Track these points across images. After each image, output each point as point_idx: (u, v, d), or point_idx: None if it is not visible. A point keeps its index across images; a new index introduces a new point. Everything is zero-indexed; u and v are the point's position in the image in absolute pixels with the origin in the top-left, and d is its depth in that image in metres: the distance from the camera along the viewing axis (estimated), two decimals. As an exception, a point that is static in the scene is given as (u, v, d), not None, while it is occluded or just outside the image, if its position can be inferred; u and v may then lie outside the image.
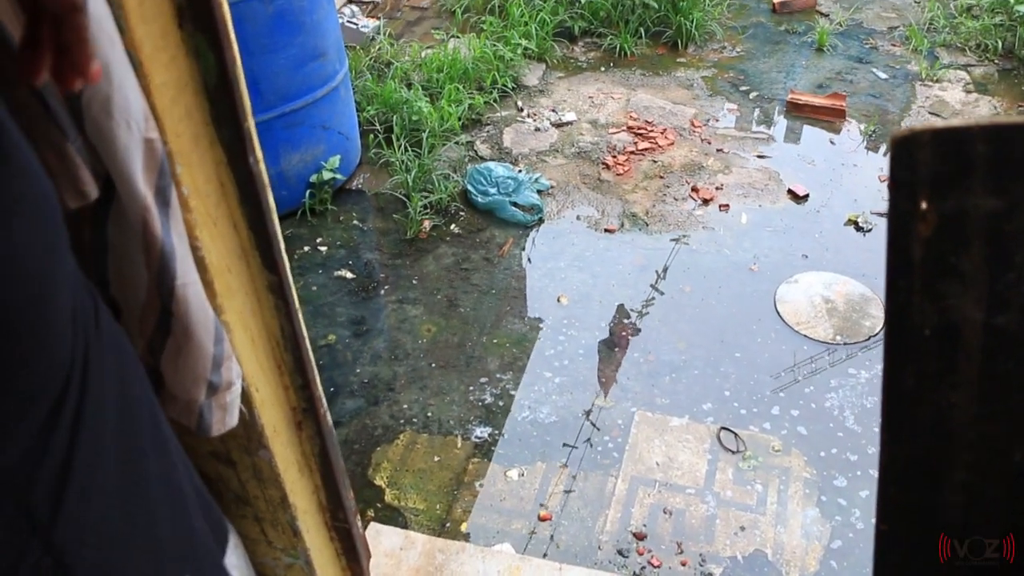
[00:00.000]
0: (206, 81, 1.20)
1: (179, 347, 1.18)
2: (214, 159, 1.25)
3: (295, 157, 3.72)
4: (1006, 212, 0.79)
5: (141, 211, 1.07)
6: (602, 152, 4.18)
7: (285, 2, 3.43)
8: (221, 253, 1.30)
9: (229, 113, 1.23)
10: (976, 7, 5.60)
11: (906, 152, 0.81)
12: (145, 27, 1.08)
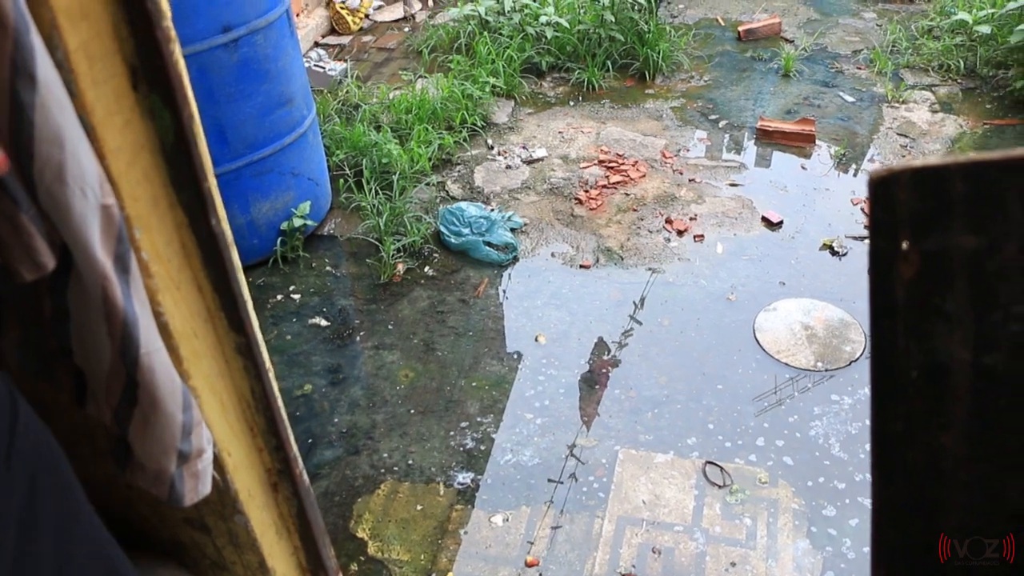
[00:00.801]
0: (163, 142, 1.17)
1: (146, 417, 1.14)
2: (175, 221, 1.22)
3: (265, 205, 3.68)
4: (987, 250, 0.77)
5: (100, 280, 1.04)
6: (574, 187, 4.18)
7: (250, 50, 3.41)
8: (185, 317, 1.26)
9: (188, 174, 1.20)
10: (936, 28, 5.68)
11: (885, 192, 0.79)
12: (97, 90, 1.06)
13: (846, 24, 6.01)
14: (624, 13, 5.30)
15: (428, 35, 5.65)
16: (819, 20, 6.08)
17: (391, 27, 6.16)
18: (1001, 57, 5.15)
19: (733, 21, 6.06)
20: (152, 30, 1.10)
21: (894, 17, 6.01)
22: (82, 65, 1.05)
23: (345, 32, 6.03)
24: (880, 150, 4.50)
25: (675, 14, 6.18)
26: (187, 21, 3.22)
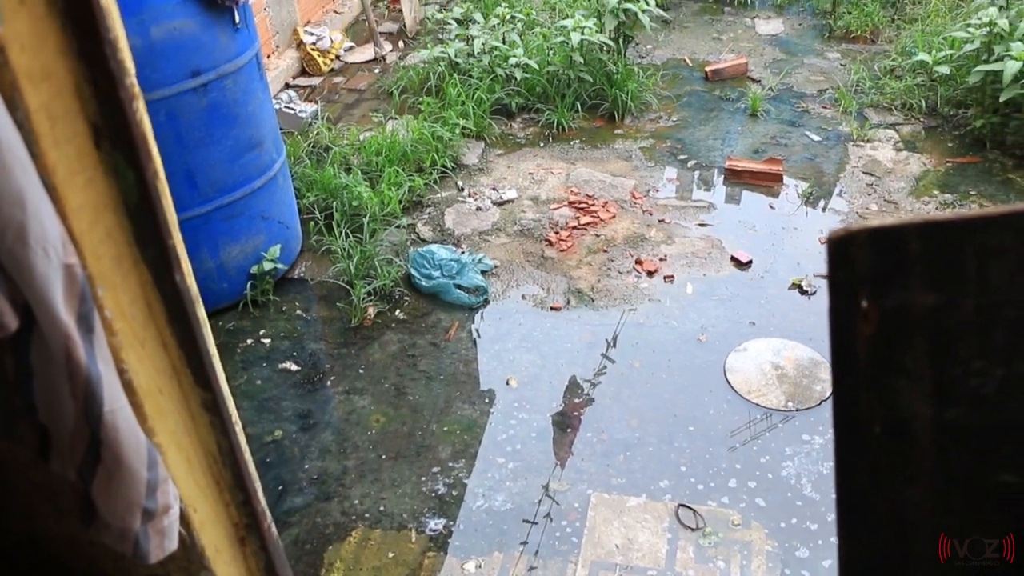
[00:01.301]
0: (126, 200, 1.16)
1: (110, 474, 1.13)
2: (139, 279, 1.21)
3: (235, 249, 3.67)
4: (945, 307, 0.78)
5: (63, 340, 1.03)
6: (544, 228, 4.20)
7: (219, 95, 3.42)
8: (150, 374, 1.25)
9: (152, 231, 1.19)
10: (898, 68, 5.78)
11: (843, 252, 0.80)
12: (59, 150, 1.05)
13: (811, 64, 6.10)
14: (593, 55, 5.36)
15: (399, 76, 5.68)
16: (785, 60, 6.17)
17: (362, 68, 6.19)
18: (961, 97, 5.25)
19: (700, 61, 6.14)
20: (115, 89, 1.10)
21: (857, 57, 6.11)
22: (44, 125, 1.05)
23: (316, 73, 6.05)
24: (847, 188, 4.56)
25: (643, 55, 6.25)
26: (156, 66, 3.23)
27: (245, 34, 3.52)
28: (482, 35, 5.39)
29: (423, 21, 6.82)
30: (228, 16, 3.39)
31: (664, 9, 6.67)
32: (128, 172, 1.16)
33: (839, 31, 6.56)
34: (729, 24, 6.87)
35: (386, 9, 7.26)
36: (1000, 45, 4.78)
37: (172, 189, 3.47)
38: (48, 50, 1.03)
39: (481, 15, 5.82)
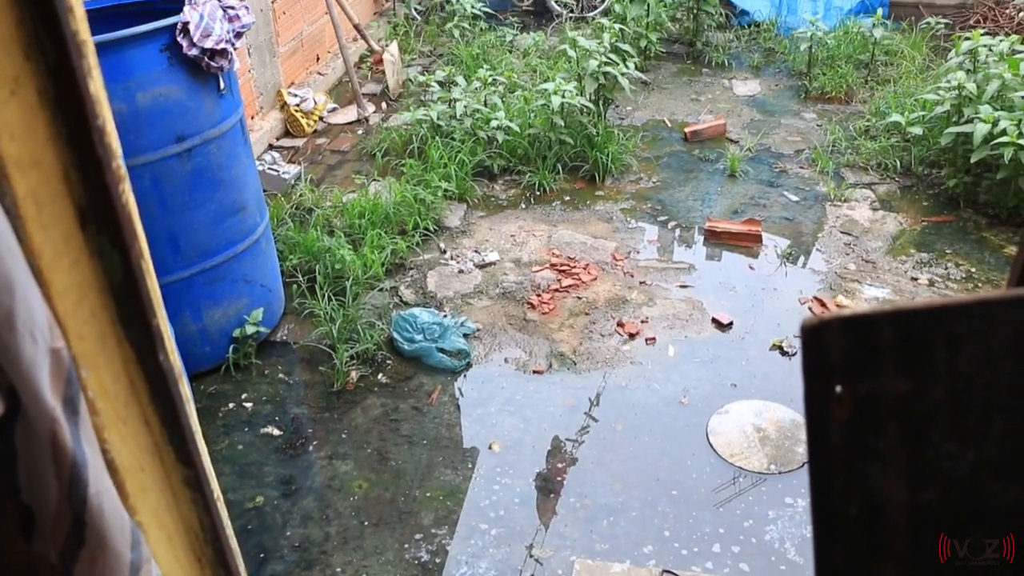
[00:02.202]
0: (111, 280, 1.18)
1: (93, 557, 1.13)
2: (122, 358, 1.22)
3: (217, 312, 3.67)
4: (916, 393, 0.80)
5: (49, 423, 1.04)
6: (526, 291, 4.22)
7: (203, 159, 3.45)
8: (132, 452, 1.25)
9: (136, 311, 1.20)
10: (873, 128, 5.89)
11: (817, 340, 0.82)
12: (45, 234, 1.06)
13: (788, 124, 6.21)
14: (573, 117, 5.44)
15: (381, 138, 5.74)
16: (762, 120, 6.28)
17: (345, 129, 6.25)
18: (934, 157, 5.35)
19: (679, 122, 6.24)
20: (102, 174, 1.12)
21: (833, 117, 6.23)
22: (31, 210, 1.06)
23: (299, 134, 6.11)
24: (825, 248, 4.62)
25: (623, 116, 6.35)
26: (142, 132, 3.26)
27: (230, 99, 3.56)
28: (464, 98, 5.46)
29: (406, 83, 6.91)
30: (213, 82, 3.44)
31: (643, 71, 6.79)
32: (113, 254, 1.17)
33: (815, 92, 6.68)
34: (707, 85, 6.99)
35: (369, 71, 7.35)
36: (969, 107, 4.90)
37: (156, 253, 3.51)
38: (37, 138, 1.05)
39: (463, 78, 5.90)
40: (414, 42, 7.87)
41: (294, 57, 6.53)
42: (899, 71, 6.82)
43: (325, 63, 7.15)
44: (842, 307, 4.10)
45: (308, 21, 6.79)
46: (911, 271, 4.40)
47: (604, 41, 5.67)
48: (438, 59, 7.53)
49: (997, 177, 4.66)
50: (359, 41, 7.45)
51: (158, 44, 3.22)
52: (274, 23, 6.12)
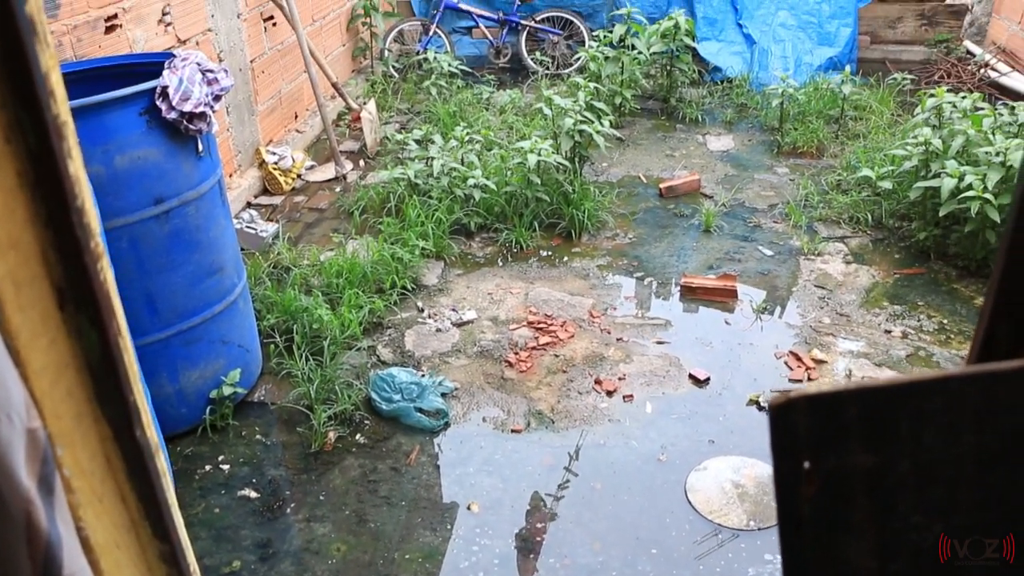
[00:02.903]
0: (89, 359, 1.18)
1: (66, 638, 1.12)
2: (99, 435, 1.22)
3: (194, 374, 3.66)
4: (883, 467, 0.82)
5: (24, 504, 1.03)
6: (504, 349, 4.23)
7: (181, 221, 3.46)
8: (108, 529, 1.25)
9: (113, 388, 1.20)
10: (844, 182, 5.99)
11: (784, 417, 0.84)
12: (23, 315, 1.07)
13: (761, 179, 6.30)
14: (549, 174, 5.49)
15: (359, 196, 5.77)
16: (736, 175, 6.36)
17: (323, 187, 6.28)
18: (904, 210, 5.45)
19: (655, 178, 6.32)
20: (81, 254, 1.13)
21: (805, 172, 6.33)
22: (9, 292, 1.07)
23: (278, 192, 6.13)
24: (800, 302, 4.66)
25: (599, 172, 6.42)
26: (120, 194, 3.27)
27: (208, 161, 3.58)
28: (441, 156, 5.51)
29: (384, 141, 6.97)
30: (192, 145, 3.46)
31: (618, 127, 6.89)
32: (91, 332, 1.18)
33: (787, 147, 6.80)
34: (681, 141, 7.10)
35: (347, 128, 7.41)
36: (936, 162, 5.00)
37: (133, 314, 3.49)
38: (17, 220, 1.06)
39: (440, 136, 5.96)
40: (392, 100, 7.96)
41: (273, 115, 6.58)
42: (868, 125, 6.96)
43: (304, 121, 7.21)
44: (818, 360, 4.14)
45: (287, 80, 6.86)
46: (885, 324, 4.45)
47: (579, 99, 5.75)
48: (416, 117, 7.62)
49: (965, 230, 4.75)
50: (337, 99, 7.53)
51: (137, 108, 3.24)
52: (253, 82, 6.18)
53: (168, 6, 4.88)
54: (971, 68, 8.17)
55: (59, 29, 3.94)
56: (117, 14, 4.39)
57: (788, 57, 8.46)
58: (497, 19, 9.00)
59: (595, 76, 7.02)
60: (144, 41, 4.62)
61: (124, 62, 3.76)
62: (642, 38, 7.47)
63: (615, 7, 9.05)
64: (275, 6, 6.44)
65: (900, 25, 8.86)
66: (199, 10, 5.28)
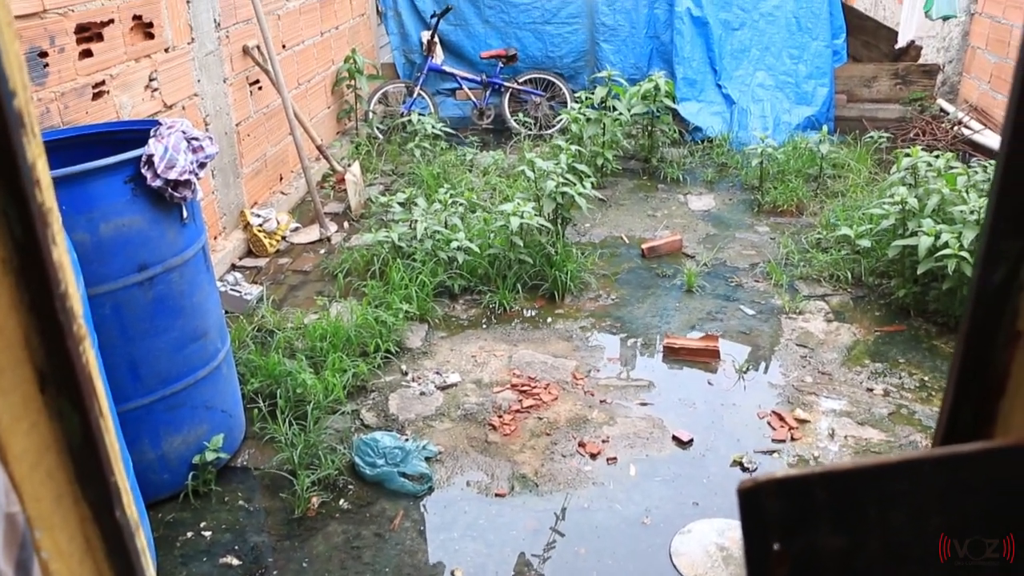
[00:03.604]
0: (70, 441, 1.19)
1: None
2: (79, 516, 1.22)
3: (176, 439, 3.64)
4: (852, 548, 0.84)
5: (0, 589, 1.04)
6: (488, 412, 4.24)
7: (165, 287, 3.47)
8: (86, 612, 1.25)
9: (94, 469, 1.21)
10: (824, 240, 6.06)
11: (753, 501, 0.86)
12: (4, 399, 1.08)
13: (742, 238, 6.37)
14: (532, 237, 5.54)
15: (344, 258, 5.80)
16: (717, 235, 6.43)
17: (307, 249, 6.31)
18: (883, 268, 5.51)
19: (637, 238, 6.38)
20: (63, 338, 1.15)
21: (785, 230, 6.40)
22: (-10, 376, 1.08)
23: (262, 254, 6.15)
24: (782, 361, 4.69)
25: (581, 233, 6.48)
26: (104, 261, 3.28)
27: (192, 228, 3.61)
28: (425, 219, 5.55)
29: (368, 203, 7.02)
30: (176, 212, 3.49)
31: (600, 188, 6.97)
32: (73, 415, 1.19)
33: (767, 205, 6.88)
34: (663, 201, 7.18)
35: (332, 190, 7.47)
36: (913, 221, 5.09)
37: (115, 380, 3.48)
38: (0, 306, 1.08)
39: (424, 198, 6.01)
40: (376, 161, 8.03)
41: (258, 177, 6.63)
42: (847, 184, 7.06)
43: (288, 182, 7.27)
44: (800, 420, 4.15)
45: (272, 142, 6.92)
46: (866, 382, 4.48)
47: (561, 162, 5.82)
48: (400, 178, 7.68)
49: (943, 287, 4.81)
50: (322, 160, 7.60)
51: (122, 176, 3.27)
52: (238, 145, 6.23)
53: (155, 72, 4.94)
54: (945, 126, 8.32)
55: (47, 96, 3.98)
56: (104, 80, 4.44)
57: (767, 116, 8.61)
58: (480, 81, 9.13)
59: (577, 138, 7.12)
60: (131, 107, 4.68)
61: (110, 129, 3.81)
62: (623, 99, 7.59)
63: (596, 69, 9.21)
64: (261, 71, 6.52)
65: (875, 84, 9.03)
66: (185, 76, 5.35)
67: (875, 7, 11.68)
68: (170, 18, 5.14)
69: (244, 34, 6.35)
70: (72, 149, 3.68)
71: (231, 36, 6.12)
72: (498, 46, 9.34)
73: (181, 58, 5.29)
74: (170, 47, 5.14)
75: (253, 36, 6.46)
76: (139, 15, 4.77)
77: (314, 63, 7.92)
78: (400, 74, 9.60)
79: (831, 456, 3.89)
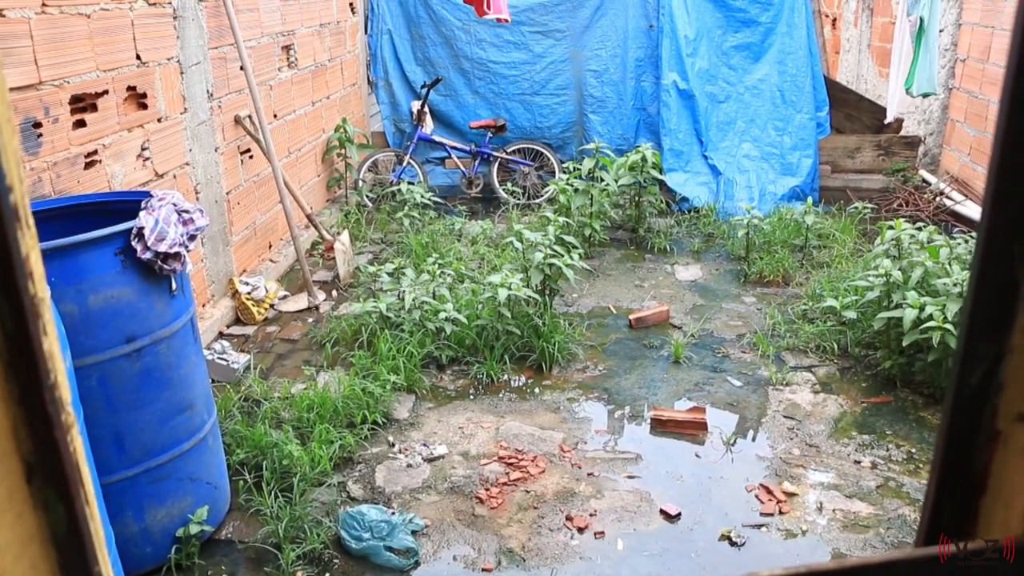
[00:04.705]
0: (55, 532, 1.19)
1: None
2: (62, 608, 1.22)
3: (160, 512, 3.61)
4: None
5: None
6: (475, 485, 4.21)
7: (153, 359, 3.47)
8: None
9: (79, 561, 1.21)
10: (810, 311, 6.11)
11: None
12: (-8, 491, 1.09)
13: (729, 308, 6.41)
14: (520, 308, 5.57)
15: (332, 327, 5.80)
16: (704, 305, 6.47)
17: (296, 317, 6.32)
18: (869, 339, 5.55)
19: (624, 308, 6.41)
20: (51, 429, 1.15)
21: (772, 301, 6.45)
22: (-22, 469, 1.08)
23: (250, 322, 6.15)
24: (769, 434, 4.69)
25: (569, 304, 6.51)
26: (92, 333, 3.29)
27: (181, 299, 3.62)
28: (413, 290, 5.58)
29: (356, 271, 7.05)
30: (165, 284, 3.51)
31: (588, 258, 7.02)
32: (58, 505, 1.19)
33: (753, 276, 6.94)
34: (650, 271, 7.23)
35: (320, 258, 7.50)
36: (897, 293, 5.14)
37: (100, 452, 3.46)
38: (-10, 400, 1.09)
39: (412, 267, 6.05)
40: (365, 229, 8.08)
41: (247, 245, 6.66)
42: (832, 254, 7.14)
43: (277, 250, 7.30)
44: (788, 493, 4.14)
45: (261, 210, 6.97)
46: (854, 454, 4.48)
47: (549, 233, 5.88)
48: (388, 247, 7.73)
49: (929, 359, 4.84)
50: (311, 228, 7.64)
51: (113, 248, 3.29)
52: (228, 213, 6.27)
53: (147, 141, 4.99)
54: (927, 196, 8.45)
55: (39, 166, 4.02)
56: (97, 150, 4.49)
57: (753, 187, 8.73)
58: (469, 150, 9.25)
59: (565, 208, 7.20)
60: (123, 175, 4.72)
61: (101, 199, 3.84)
62: (611, 171, 7.70)
63: (584, 139, 9.35)
64: (252, 140, 6.59)
65: (859, 155, 9.18)
66: (177, 145, 5.40)
67: (857, 80, 11.94)
68: (164, 89, 5.21)
69: (236, 104, 6.44)
70: (63, 219, 3.70)
71: (223, 106, 6.20)
72: (487, 116, 9.48)
73: (174, 128, 5.36)
74: (163, 117, 5.21)
75: (245, 106, 6.55)
76: (133, 86, 4.84)
77: (305, 132, 8.01)
78: (390, 143, 9.72)
79: (820, 530, 3.88)
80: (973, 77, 8.53)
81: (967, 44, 8.71)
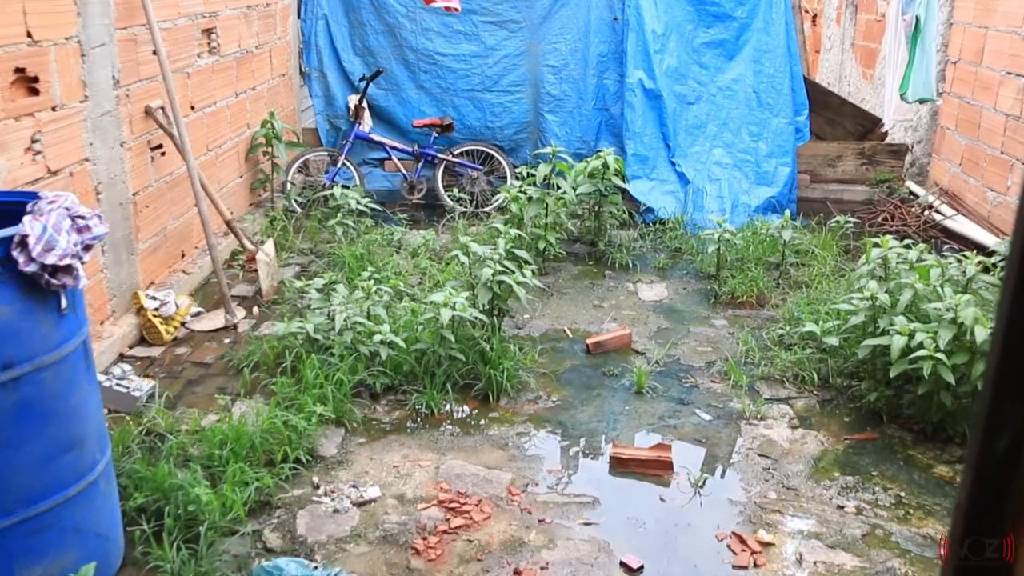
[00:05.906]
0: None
1: None
2: None
3: (36, 571, 3.39)
4: None
5: None
6: (411, 534, 4.07)
7: (34, 390, 3.27)
8: None
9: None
10: (787, 336, 6.06)
11: None
12: None
13: (698, 333, 6.36)
14: (465, 331, 5.45)
15: (251, 350, 5.64)
16: (670, 329, 6.41)
17: (210, 338, 6.14)
18: (853, 368, 5.53)
19: (581, 332, 6.33)
20: None
21: (745, 324, 6.41)
22: None
23: (157, 342, 5.96)
24: (743, 475, 4.62)
25: (520, 325, 6.41)
26: (-40, 358, 3.10)
27: (72, 319, 3.44)
28: (345, 309, 5.44)
29: (281, 286, 6.89)
30: (53, 301, 3.33)
31: (542, 274, 6.93)
32: None
33: (725, 296, 6.91)
34: (611, 290, 7.16)
35: (241, 270, 7.33)
36: (884, 318, 5.10)
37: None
38: None
39: (345, 283, 5.91)
40: (293, 239, 7.93)
41: (156, 254, 6.47)
42: (811, 273, 7.14)
43: (191, 260, 7.11)
44: (764, 543, 4.06)
45: (174, 215, 6.79)
46: (837, 498, 4.43)
47: (499, 247, 5.78)
48: (318, 259, 7.59)
49: (919, 391, 4.81)
50: (231, 236, 7.46)
51: (-12, 258, 3.11)
52: (135, 218, 6.09)
53: (38, 133, 4.79)
54: (915, 210, 8.49)
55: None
56: (-25, 140, 4.29)
57: (724, 197, 8.72)
58: (412, 152, 9.13)
59: (517, 219, 7.11)
60: (7, 171, 4.51)
61: (-23, 201, 3.64)
62: (568, 177, 7.63)
63: (540, 142, 9.29)
64: (165, 134, 6.42)
65: (840, 164, 9.23)
66: (75, 138, 5.21)
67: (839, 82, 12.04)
68: (60, 73, 5.01)
69: (148, 93, 6.26)
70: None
71: (132, 95, 6.02)
72: (433, 114, 9.39)
73: (71, 118, 5.16)
74: (58, 105, 5.01)
75: (158, 95, 6.37)
76: (22, 68, 4.64)
77: (227, 127, 7.84)
78: (323, 141, 9.59)
79: (799, 586, 3.80)
80: (965, 81, 8.62)
81: (959, 45, 8.81)
